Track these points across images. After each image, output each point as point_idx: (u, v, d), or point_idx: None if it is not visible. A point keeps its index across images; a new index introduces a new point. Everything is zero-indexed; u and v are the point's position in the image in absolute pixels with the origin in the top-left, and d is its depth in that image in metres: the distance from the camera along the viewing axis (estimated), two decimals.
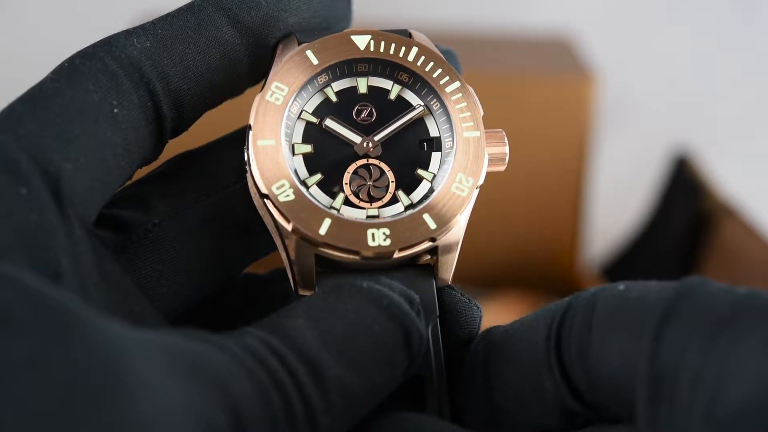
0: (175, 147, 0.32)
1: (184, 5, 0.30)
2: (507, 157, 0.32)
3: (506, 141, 0.32)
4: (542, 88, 0.83)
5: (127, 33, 0.29)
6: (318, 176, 0.31)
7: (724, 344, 0.24)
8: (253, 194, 0.30)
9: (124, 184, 0.30)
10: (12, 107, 0.27)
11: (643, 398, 0.25)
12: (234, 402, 0.23)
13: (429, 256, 0.31)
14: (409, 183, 0.31)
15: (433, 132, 0.32)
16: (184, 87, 0.29)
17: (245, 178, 0.31)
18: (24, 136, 0.27)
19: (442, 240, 0.30)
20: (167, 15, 0.30)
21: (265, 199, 0.30)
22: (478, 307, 0.31)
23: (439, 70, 0.32)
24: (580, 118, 0.83)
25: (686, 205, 0.87)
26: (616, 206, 0.99)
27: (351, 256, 0.29)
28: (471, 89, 0.32)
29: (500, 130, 0.32)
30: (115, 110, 0.28)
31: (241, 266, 0.33)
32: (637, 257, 0.94)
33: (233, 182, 0.31)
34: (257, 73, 0.32)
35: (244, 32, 0.30)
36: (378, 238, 0.29)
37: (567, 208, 0.87)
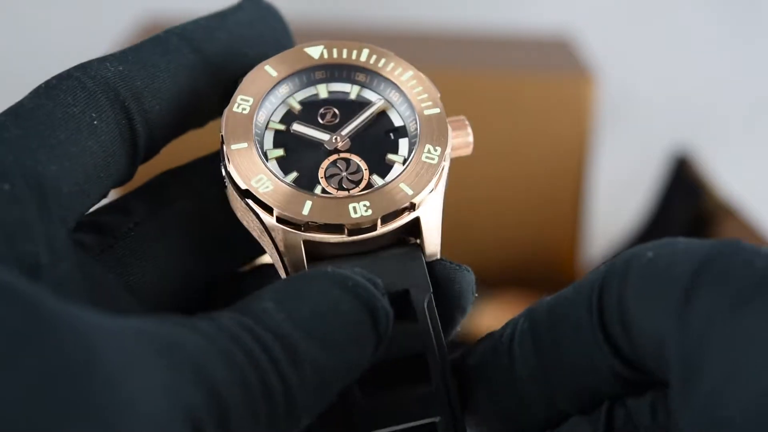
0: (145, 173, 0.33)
1: (150, 37, 0.32)
2: (471, 138, 0.33)
3: (468, 123, 0.33)
4: (542, 88, 0.83)
5: (100, 59, 0.31)
6: (293, 174, 0.32)
7: (749, 316, 0.24)
8: (233, 201, 0.31)
9: (100, 199, 0.31)
10: None
11: (676, 376, 0.25)
12: (211, 380, 0.24)
13: (414, 239, 0.32)
14: (381, 168, 0.32)
15: (398, 122, 0.33)
16: (156, 107, 0.31)
17: (223, 190, 0.32)
18: (8, 140, 0.28)
19: (423, 213, 0.31)
20: (135, 45, 0.32)
21: (247, 199, 0.31)
22: (469, 271, 0.32)
23: (392, 64, 0.33)
24: (580, 118, 0.83)
25: (686, 205, 0.87)
26: (616, 206, 0.99)
27: (337, 236, 0.30)
28: (424, 76, 0.34)
29: (462, 117, 0.34)
30: (95, 122, 0.29)
31: (225, 267, 0.34)
32: None
33: (209, 185, 0.33)
34: (222, 103, 0.33)
35: (207, 60, 0.32)
36: (360, 210, 0.30)
37: (567, 207, 0.87)
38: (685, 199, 0.88)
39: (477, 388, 0.31)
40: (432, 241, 0.32)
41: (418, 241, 0.32)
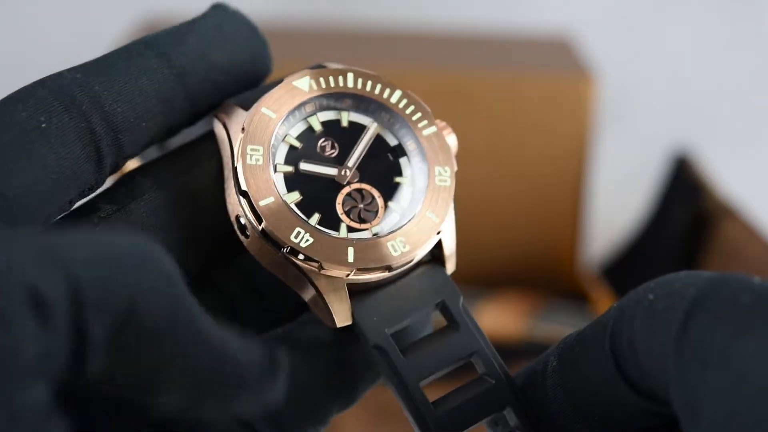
0: None
1: (116, 48, 0.32)
2: (456, 141, 0.34)
3: (450, 128, 0.34)
4: (542, 87, 0.84)
5: (59, 72, 0.31)
6: (316, 216, 0.32)
7: (736, 357, 0.24)
8: (259, 252, 0.32)
9: (66, 204, 0.30)
10: None
11: (681, 418, 0.26)
12: (73, 273, 0.23)
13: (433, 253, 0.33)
14: (392, 192, 0.33)
15: (392, 142, 0.34)
16: (117, 110, 0.31)
17: (241, 237, 0.32)
18: None
19: (444, 232, 0.33)
20: (99, 56, 0.31)
21: (289, 254, 0.31)
22: None
23: (379, 86, 0.34)
24: (580, 118, 0.84)
25: (686, 205, 0.87)
26: (616, 206, 0.99)
27: (381, 273, 0.32)
28: (413, 93, 0.34)
29: (443, 122, 0.34)
30: (43, 125, 0.29)
31: (199, 259, 0.33)
32: (637, 257, 0.94)
33: (179, 176, 0.32)
34: (193, 110, 0.33)
35: (172, 64, 0.32)
36: (398, 248, 0.32)
37: (567, 207, 0.87)
38: (685, 199, 0.88)
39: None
40: (450, 249, 0.33)
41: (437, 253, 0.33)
